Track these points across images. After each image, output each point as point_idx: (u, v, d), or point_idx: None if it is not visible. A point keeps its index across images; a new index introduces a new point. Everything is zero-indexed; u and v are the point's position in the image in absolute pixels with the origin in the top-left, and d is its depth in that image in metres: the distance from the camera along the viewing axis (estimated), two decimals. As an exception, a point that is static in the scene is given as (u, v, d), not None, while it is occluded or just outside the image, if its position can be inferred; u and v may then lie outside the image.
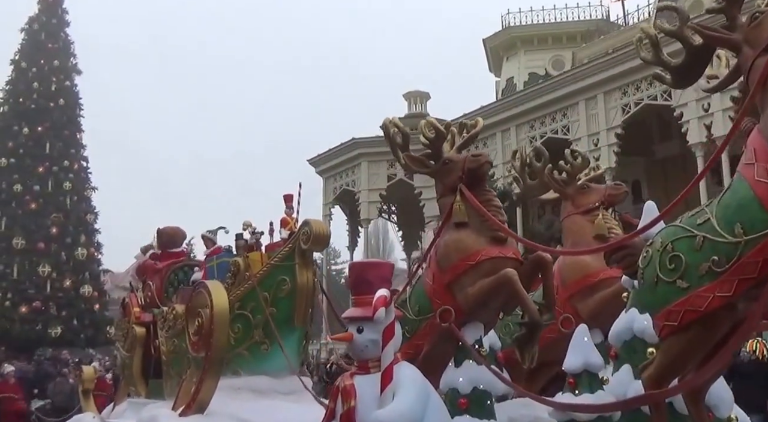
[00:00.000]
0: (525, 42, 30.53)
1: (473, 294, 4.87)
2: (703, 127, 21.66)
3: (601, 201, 6.49)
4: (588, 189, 6.65)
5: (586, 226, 6.37)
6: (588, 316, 5.91)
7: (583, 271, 6.09)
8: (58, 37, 32.28)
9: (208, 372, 6.63)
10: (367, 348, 4.36)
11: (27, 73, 31.23)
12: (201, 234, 8.22)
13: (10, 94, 31.37)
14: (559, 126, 25.48)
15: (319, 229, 7.03)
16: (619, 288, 5.89)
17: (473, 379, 4.76)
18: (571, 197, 6.65)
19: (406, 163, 5.37)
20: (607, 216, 6.44)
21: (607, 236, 6.20)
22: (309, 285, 7.22)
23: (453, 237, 5.09)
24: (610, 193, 6.58)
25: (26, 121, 30.49)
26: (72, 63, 32.39)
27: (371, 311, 4.29)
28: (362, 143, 29.45)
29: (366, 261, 4.57)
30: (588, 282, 6.09)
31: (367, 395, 4.29)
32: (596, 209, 6.44)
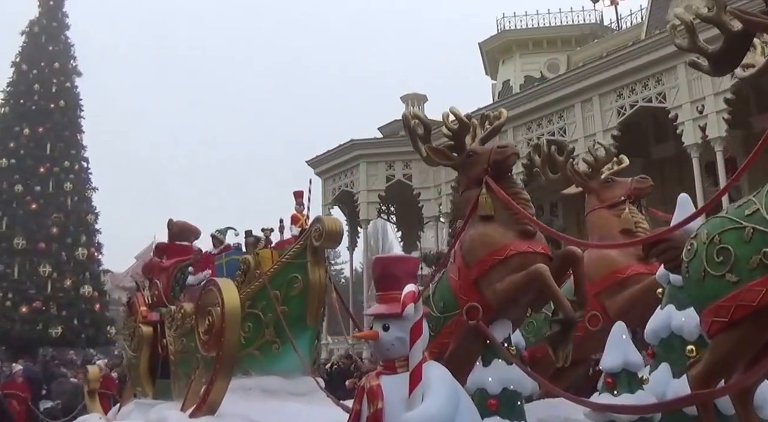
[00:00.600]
0: (520, 45, 30.23)
1: (502, 290, 4.59)
2: (698, 128, 21.45)
3: (627, 194, 6.22)
4: (613, 182, 6.37)
5: (612, 221, 6.09)
6: (616, 313, 5.63)
7: (610, 267, 5.80)
8: (58, 39, 31.96)
9: (220, 373, 6.33)
10: (394, 346, 4.07)
11: (28, 74, 30.93)
12: (210, 234, 7.92)
13: (11, 96, 31.08)
14: (555, 128, 25.22)
15: (331, 226, 6.75)
16: (650, 283, 5.62)
17: (503, 379, 4.48)
18: (595, 191, 6.37)
19: (428, 155, 5.08)
20: (634, 210, 6.17)
21: (634, 231, 5.93)
22: (321, 283, 6.94)
23: (479, 231, 4.80)
24: (636, 186, 6.31)
25: (27, 122, 30.19)
26: (72, 65, 32.08)
27: (399, 307, 4.01)
28: (361, 145, 29.15)
29: (391, 255, 4.29)
30: (616, 278, 5.80)
31: (394, 396, 4.00)
32: (622, 203, 6.16)
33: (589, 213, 6.39)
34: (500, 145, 4.99)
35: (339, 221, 6.86)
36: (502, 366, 4.52)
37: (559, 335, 4.53)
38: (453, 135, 5.04)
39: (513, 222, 4.74)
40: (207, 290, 6.60)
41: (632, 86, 22.99)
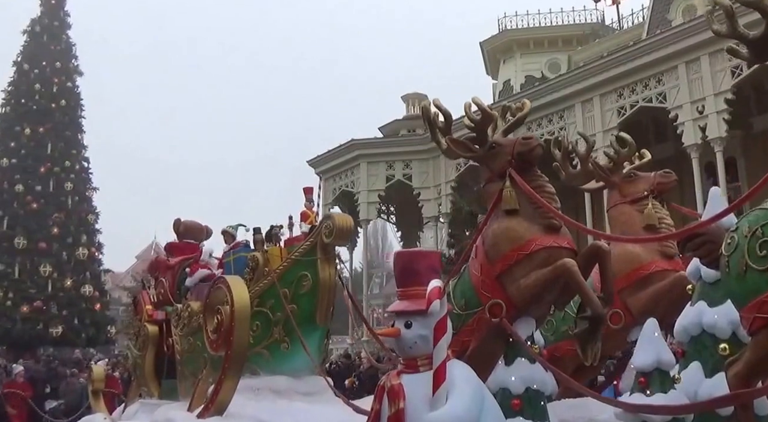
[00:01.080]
0: (521, 45, 30.12)
1: (527, 286, 4.38)
2: (698, 128, 21.33)
3: (650, 189, 6.02)
4: (635, 177, 6.15)
5: (635, 216, 5.88)
6: (639, 311, 5.43)
7: (633, 263, 5.59)
8: (59, 38, 31.76)
9: (228, 372, 6.11)
10: (416, 344, 3.87)
11: (29, 74, 30.74)
12: (221, 230, 7.70)
13: (12, 95, 30.88)
14: (556, 128, 25.08)
15: (342, 223, 6.55)
16: (674, 280, 5.44)
17: (526, 378, 4.28)
18: (617, 186, 6.16)
19: (448, 147, 4.87)
20: (657, 205, 5.96)
21: (658, 226, 5.73)
22: (331, 281, 6.73)
23: (503, 225, 4.59)
24: (659, 181, 6.10)
25: (28, 122, 30.01)
26: (73, 64, 31.88)
27: (423, 304, 3.81)
28: (361, 144, 29.02)
29: (413, 250, 4.10)
30: (639, 274, 5.59)
31: (416, 396, 3.80)
32: (645, 198, 5.95)
33: (611, 208, 6.18)
34: (525, 137, 4.79)
35: (350, 218, 6.65)
36: (526, 365, 4.33)
37: (588, 332, 4.34)
38: (475, 126, 4.83)
39: (538, 216, 4.54)
40: (216, 288, 6.39)
41: (633, 86, 22.87)
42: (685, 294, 4.76)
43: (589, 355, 4.39)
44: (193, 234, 8.58)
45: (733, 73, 20.07)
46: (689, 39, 20.82)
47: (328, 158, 30.42)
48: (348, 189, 29.72)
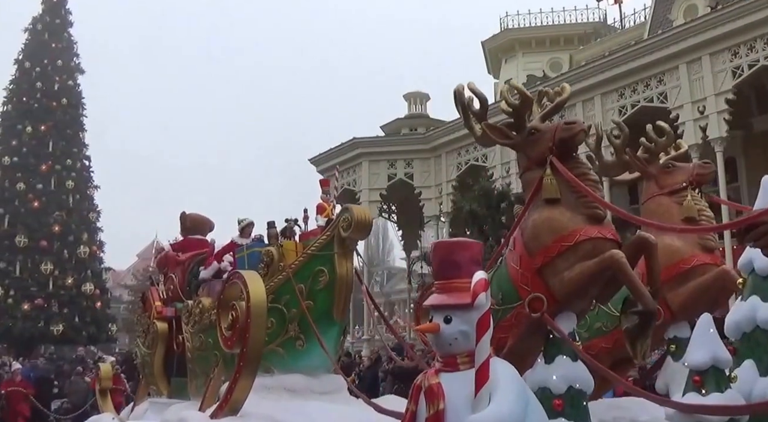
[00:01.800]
0: (523, 44, 29.80)
1: (571, 279, 4.10)
2: (699, 128, 21.09)
3: (689, 181, 5.75)
4: (673, 168, 5.87)
5: (673, 208, 5.60)
6: (679, 307, 5.15)
7: (673, 257, 5.30)
8: (61, 36, 31.43)
9: (244, 370, 5.82)
10: (457, 340, 3.59)
11: (30, 72, 30.41)
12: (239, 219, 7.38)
13: (14, 94, 30.56)
14: (556, 127, 24.81)
15: (361, 216, 6.26)
16: (716, 275, 5.17)
17: (568, 377, 3.99)
18: (654, 177, 5.88)
19: (483, 134, 4.58)
20: (696, 197, 5.69)
21: (698, 219, 5.46)
22: (349, 276, 6.45)
23: (544, 215, 4.30)
24: (698, 171, 5.83)
25: (29, 120, 29.70)
26: (75, 62, 31.56)
27: (465, 297, 3.53)
28: (363, 143, 28.74)
29: (453, 240, 3.79)
30: (679, 269, 5.30)
31: (456, 396, 3.52)
32: (683, 190, 5.68)
33: (648, 200, 5.89)
34: (567, 122, 4.49)
35: (369, 211, 6.37)
36: (567, 363, 4.04)
37: (638, 328, 4.06)
38: (513, 111, 4.54)
39: (581, 205, 4.25)
40: (230, 283, 6.09)
41: (634, 86, 22.61)
42: (726, 289, 4.49)
43: (639, 352, 4.11)
44: (200, 228, 8.29)
45: (734, 74, 19.88)
46: (690, 39, 20.59)
47: (330, 156, 30.13)
48: (349, 187, 29.43)
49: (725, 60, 19.90)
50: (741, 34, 19.26)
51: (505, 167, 25.92)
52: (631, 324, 4.11)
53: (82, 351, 20.77)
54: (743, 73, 19.45)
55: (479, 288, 3.37)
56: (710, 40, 19.97)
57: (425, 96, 31.31)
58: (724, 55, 19.98)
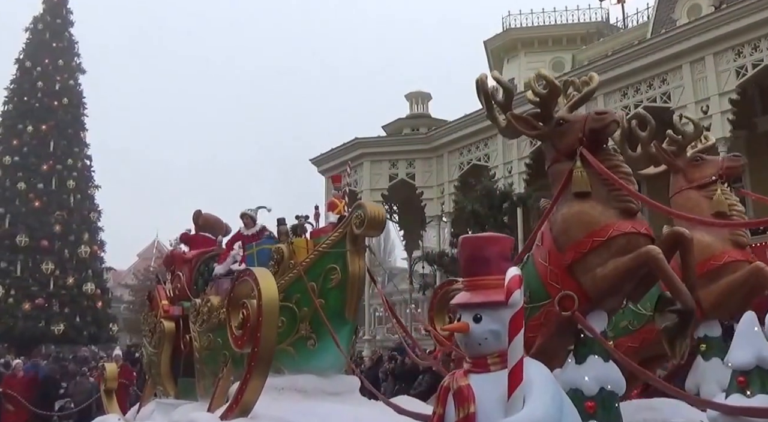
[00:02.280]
0: (525, 44, 29.57)
1: (604, 276, 3.90)
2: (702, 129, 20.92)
3: (719, 174, 5.56)
4: (702, 161, 5.68)
5: (703, 202, 5.41)
6: (710, 305, 4.95)
7: (704, 254, 5.08)
8: (62, 36, 31.28)
9: (255, 371, 5.61)
10: (486, 340, 3.39)
11: (31, 72, 30.25)
12: (240, 213, 7.15)
13: (15, 93, 30.41)
14: (560, 127, 24.63)
15: (374, 213, 6.07)
16: (748, 272, 4.97)
17: (600, 378, 3.80)
18: (682, 170, 5.68)
19: (508, 125, 4.38)
20: (727, 191, 5.50)
21: (728, 213, 5.27)
22: (361, 274, 6.25)
23: (574, 209, 4.10)
24: (728, 164, 5.63)
25: (31, 120, 29.55)
26: (76, 62, 31.37)
27: (496, 294, 3.34)
28: (364, 143, 28.56)
29: (482, 235, 3.59)
30: (710, 266, 5.09)
31: (487, 398, 3.33)
32: (713, 183, 5.49)
33: (676, 194, 5.69)
34: (598, 111, 4.29)
35: (382, 207, 6.18)
36: (599, 364, 3.85)
37: (678, 327, 3.87)
38: (540, 101, 4.34)
39: (613, 198, 4.05)
40: (241, 280, 5.90)
41: (637, 86, 22.42)
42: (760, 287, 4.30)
43: (678, 352, 3.91)
44: (212, 228, 8.08)
45: (737, 74, 19.70)
46: (694, 38, 20.41)
47: (332, 157, 29.97)
48: (351, 187, 29.26)
49: (729, 59, 19.73)
50: (745, 33, 19.09)
51: (507, 167, 25.75)
52: (669, 322, 3.92)
53: (86, 350, 20.54)
54: (747, 72, 19.29)
55: (514, 285, 3.18)
56: (714, 39, 19.79)
57: (427, 96, 31.11)
58: (727, 55, 19.81)
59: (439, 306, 6.66)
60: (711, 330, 5.10)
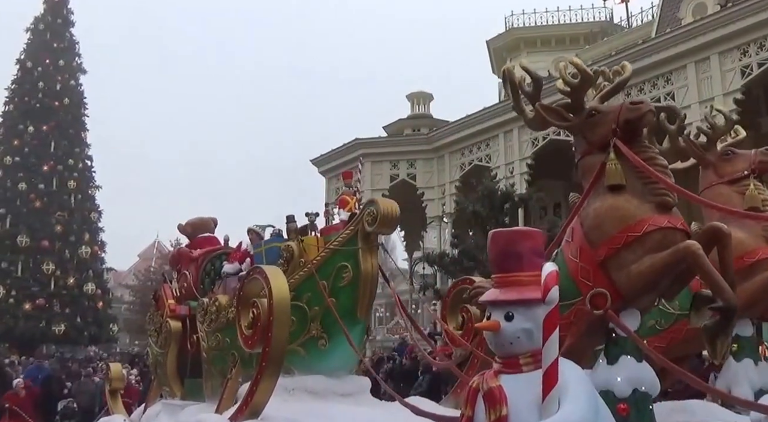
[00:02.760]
0: (528, 43, 29.41)
1: (640, 273, 3.71)
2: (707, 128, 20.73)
3: (750, 169, 5.38)
4: (733, 155, 5.51)
5: (734, 198, 5.22)
6: (743, 304, 4.74)
7: (736, 250, 4.88)
8: (63, 36, 31.08)
9: (266, 371, 5.43)
10: (519, 339, 3.22)
11: (32, 72, 30.07)
12: (247, 228, 6.99)
13: (16, 93, 30.23)
14: (561, 126, 24.43)
15: (387, 209, 5.88)
16: None
17: (633, 379, 3.62)
18: (712, 165, 5.50)
19: (536, 116, 4.19)
20: (760, 186, 5.30)
21: (762, 209, 5.09)
22: (374, 272, 6.07)
23: (608, 203, 3.91)
24: (760, 159, 5.44)
25: (31, 120, 29.36)
26: (77, 62, 31.17)
27: (532, 292, 3.17)
28: (365, 144, 28.37)
29: (514, 229, 3.42)
30: (743, 263, 4.87)
31: (520, 400, 3.16)
32: (745, 178, 5.31)
33: (706, 189, 5.50)
34: (633, 101, 4.09)
35: (395, 204, 5.99)
36: (632, 364, 3.67)
37: (719, 326, 3.68)
38: (571, 91, 4.15)
39: (649, 192, 3.86)
40: (251, 279, 5.70)
41: (641, 85, 22.22)
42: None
43: (719, 351, 3.72)
44: (203, 228, 7.93)
45: (742, 73, 19.53)
46: (699, 38, 20.23)
47: (332, 157, 29.80)
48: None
49: (734, 59, 19.55)
50: (750, 32, 18.92)
51: (508, 168, 25.59)
52: (709, 321, 3.73)
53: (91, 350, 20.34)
54: (752, 72, 19.11)
55: (551, 281, 3.00)
56: (719, 38, 19.61)
57: (429, 96, 30.95)
58: (733, 54, 19.64)
59: (452, 305, 6.48)
60: (743, 329, 4.91)
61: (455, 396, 6.41)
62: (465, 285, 6.36)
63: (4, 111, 30.26)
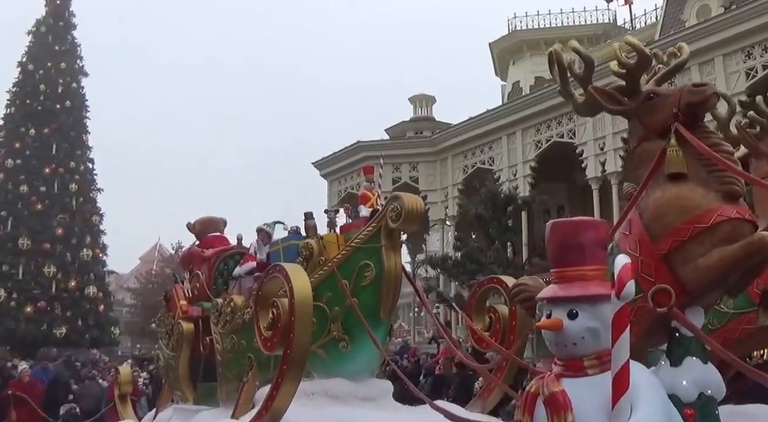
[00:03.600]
0: (531, 46, 29.03)
1: (708, 267, 3.39)
2: (711, 130, 20.50)
3: None
4: None
5: None
6: None
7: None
8: (65, 39, 30.65)
9: (287, 375, 5.10)
10: (583, 340, 2.91)
11: (34, 75, 29.65)
12: (257, 227, 6.66)
13: (17, 96, 29.79)
14: (565, 130, 24.20)
15: (412, 205, 5.57)
16: None
17: (699, 382, 3.30)
18: (766, 155, 5.22)
19: (587, 100, 3.89)
20: None
21: None
22: (397, 270, 5.75)
23: (670, 192, 3.59)
24: None
25: (33, 123, 28.95)
26: (79, 65, 30.75)
27: (599, 287, 2.86)
28: (367, 146, 28.09)
29: (576, 219, 3.11)
30: None
31: (586, 406, 2.84)
32: None
33: None
34: (696, 84, 3.79)
35: (420, 199, 5.68)
36: (698, 366, 3.35)
37: None
38: (626, 73, 3.85)
39: (714, 180, 3.55)
40: (270, 277, 5.37)
41: (643, 88, 22.07)
42: None
43: None
44: (212, 227, 7.62)
45: (747, 75, 19.28)
46: (703, 40, 19.95)
47: (334, 160, 29.53)
48: (353, 191, 28.79)
49: (738, 61, 19.30)
50: (755, 34, 18.67)
51: (511, 170, 25.32)
52: None
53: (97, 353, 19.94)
54: (757, 74, 18.86)
55: (626, 275, 2.68)
56: (723, 40, 19.36)
57: (431, 99, 30.67)
58: (737, 56, 19.40)
59: (478, 306, 6.16)
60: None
61: (483, 401, 6.11)
62: (492, 285, 6.06)
63: (5, 114, 29.83)
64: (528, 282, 4.32)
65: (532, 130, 25.23)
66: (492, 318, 6.05)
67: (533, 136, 25.14)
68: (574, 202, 26.92)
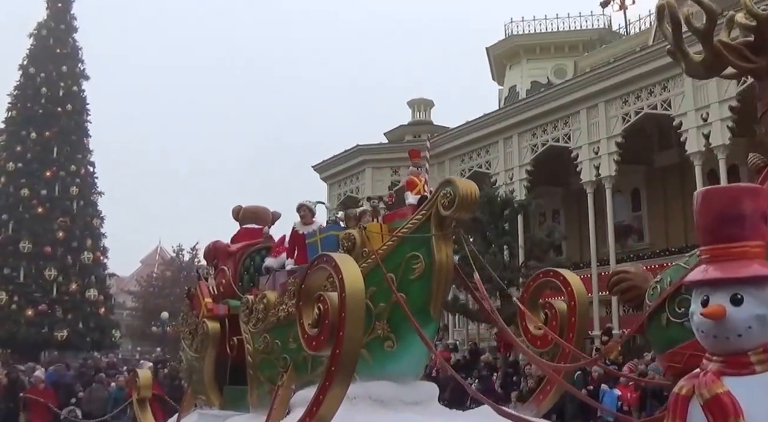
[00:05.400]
0: (528, 50, 28.63)
1: None
2: (702, 136, 20.09)
3: None
4: None
5: None
6: None
7: None
8: (66, 42, 29.78)
9: (336, 377, 4.43)
10: (750, 330, 2.29)
11: (35, 78, 28.77)
12: (298, 204, 5.98)
13: (18, 99, 28.90)
14: (560, 134, 23.75)
15: (466, 190, 4.95)
16: None
17: None
18: None
19: (707, 58, 3.31)
20: None
21: None
22: (449, 263, 5.13)
23: None
24: None
25: (34, 126, 28.11)
26: (80, 68, 29.92)
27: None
28: (366, 150, 27.58)
29: (735, 186, 2.48)
30: None
31: (756, 410, 2.23)
32: None
33: None
34: None
35: (474, 184, 5.07)
36: None
37: None
38: (757, 25, 3.28)
39: None
40: (315, 268, 4.71)
41: (638, 93, 21.62)
42: None
43: None
44: (256, 218, 6.90)
45: (738, 81, 18.87)
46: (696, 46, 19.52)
47: (334, 163, 29.00)
48: (353, 194, 28.25)
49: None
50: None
51: (508, 174, 24.82)
52: None
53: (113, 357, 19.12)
54: (748, 79, 18.45)
55: None
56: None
57: (429, 102, 30.15)
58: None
59: (532, 300, 5.54)
60: None
61: (537, 404, 5.47)
62: (548, 278, 5.45)
63: (6, 117, 28.96)
64: (630, 270, 3.71)
65: (528, 134, 24.78)
66: (548, 315, 5.41)
67: (529, 140, 24.70)
68: (569, 206, 26.48)
